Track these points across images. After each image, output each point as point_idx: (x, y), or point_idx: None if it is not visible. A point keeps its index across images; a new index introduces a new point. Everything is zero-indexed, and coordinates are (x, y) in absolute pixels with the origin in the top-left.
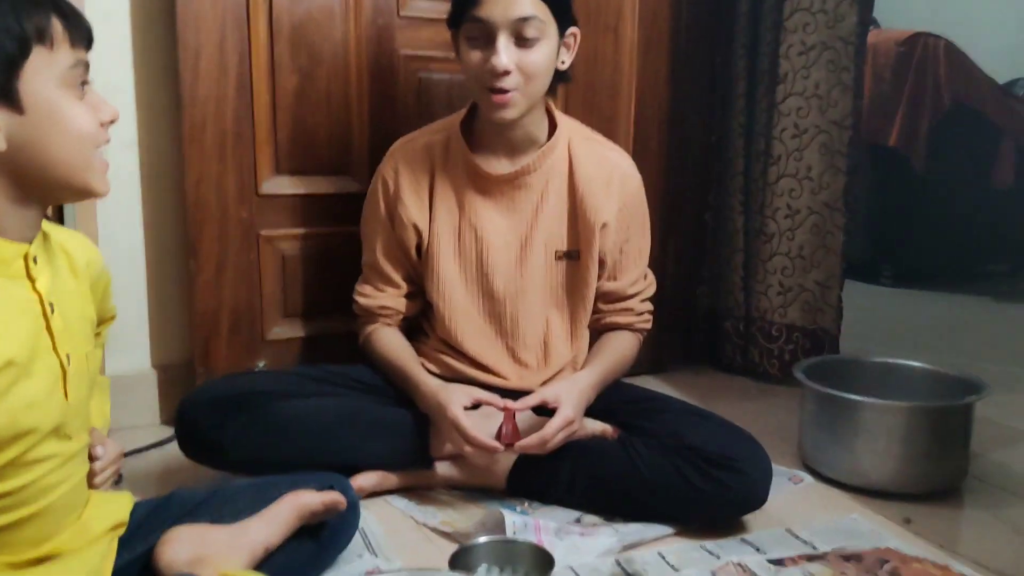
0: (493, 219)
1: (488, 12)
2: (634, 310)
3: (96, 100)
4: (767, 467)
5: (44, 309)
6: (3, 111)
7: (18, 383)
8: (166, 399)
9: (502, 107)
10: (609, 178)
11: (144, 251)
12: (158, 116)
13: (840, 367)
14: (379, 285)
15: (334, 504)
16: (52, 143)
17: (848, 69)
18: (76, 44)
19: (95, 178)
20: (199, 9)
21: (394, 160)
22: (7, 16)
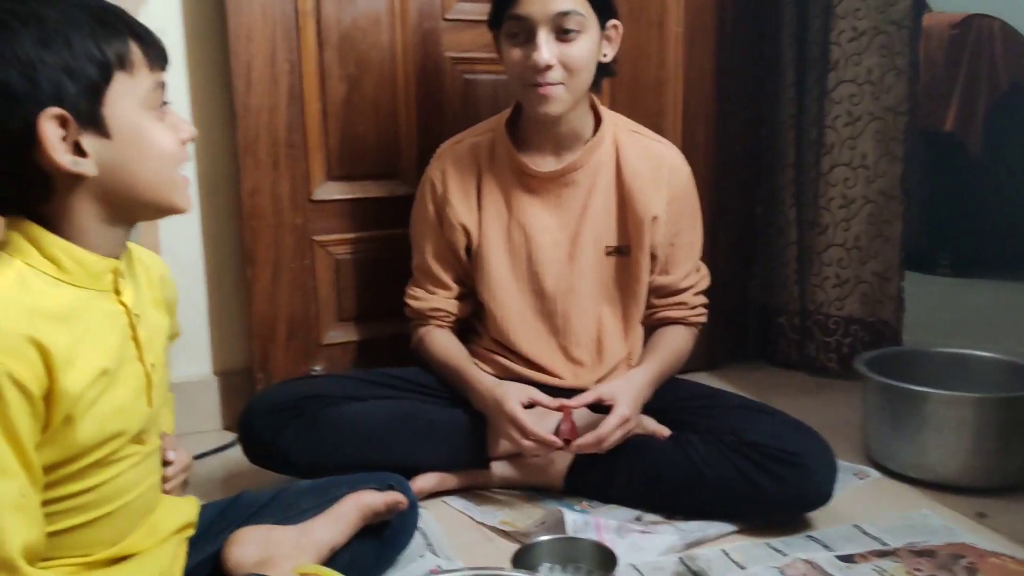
0: (541, 217)
1: (527, 9)
2: (688, 304)
3: (175, 119)
4: (832, 463)
5: (131, 320)
6: (91, 137)
7: (108, 391)
8: (227, 405)
9: (546, 101)
10: (657, 171)
11: (203, 260)
12: (213, 128)
13: (903, 359)
14: (430, 287)
15: (395, 503)
16: (138, 165)
17: (902, 53)
18: (154, 66)
19: (179, 196)
20: (250, 22)
21: (441, 162)
22: (88, 43)
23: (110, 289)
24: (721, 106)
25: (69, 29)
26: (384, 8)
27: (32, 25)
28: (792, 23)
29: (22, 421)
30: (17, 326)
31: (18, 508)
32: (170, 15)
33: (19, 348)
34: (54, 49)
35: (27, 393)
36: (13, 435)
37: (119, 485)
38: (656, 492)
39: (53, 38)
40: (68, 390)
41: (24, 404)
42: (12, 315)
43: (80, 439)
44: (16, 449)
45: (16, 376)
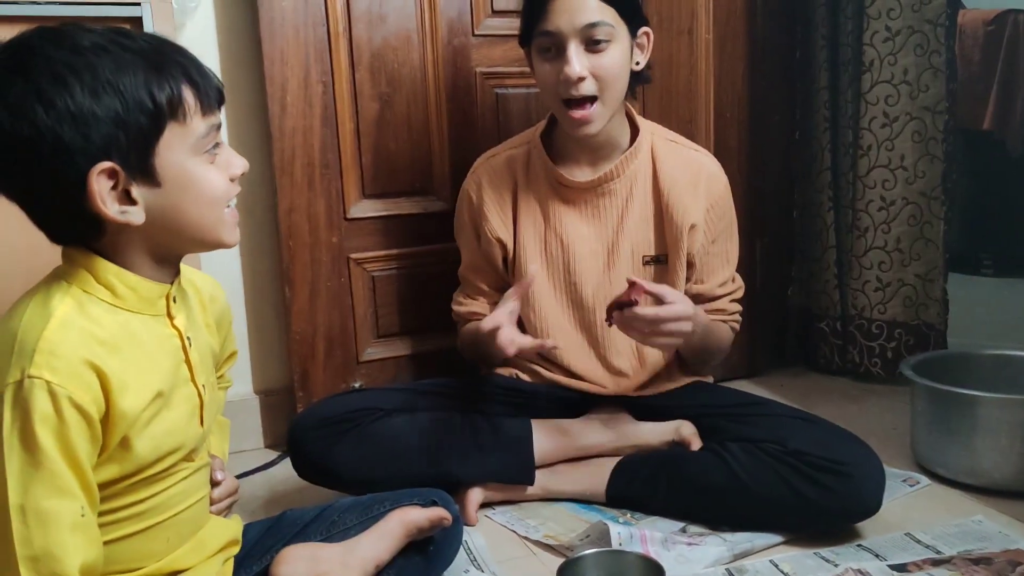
0: (578, 228)
1: (555, 23)
2: (726, 310)
3: (226, 156)
4: (879, 472)
5: (183, 343)
6: (141, 185)
7: (163, 412)
8: (269, 423)
9: (583, 124)
10: (696, 179)
11: (242, 280)
12: (250, 150)
13: (950, 362)
14: (470, 294)
15: (439, 519)
16: (186, 209)
17: (938, 52)
18: (208, 111)
19: (226, 233)
20: (283, 45)
21: (477, 176)
22: (141, 93)
23: (163, 313)
24: (754, 111)
25: (122, 79)
26: (414, 26)
27: (86, 77)
28: (824, 25)
29: (81, 443)
30: (76, 351)
31: (77, 528)
32: (207, 41)
33: (78, 372)
34: (106, 102)
35: (86, 415)
36: (73, 457)
37: (170, 497)
38: (697, 504)
39: (105, 90)
40: (125, 412)
41: (83, 426)
42: (71, 340)
43: (136, 458)
44: (76, 470)
45: (76, 399)
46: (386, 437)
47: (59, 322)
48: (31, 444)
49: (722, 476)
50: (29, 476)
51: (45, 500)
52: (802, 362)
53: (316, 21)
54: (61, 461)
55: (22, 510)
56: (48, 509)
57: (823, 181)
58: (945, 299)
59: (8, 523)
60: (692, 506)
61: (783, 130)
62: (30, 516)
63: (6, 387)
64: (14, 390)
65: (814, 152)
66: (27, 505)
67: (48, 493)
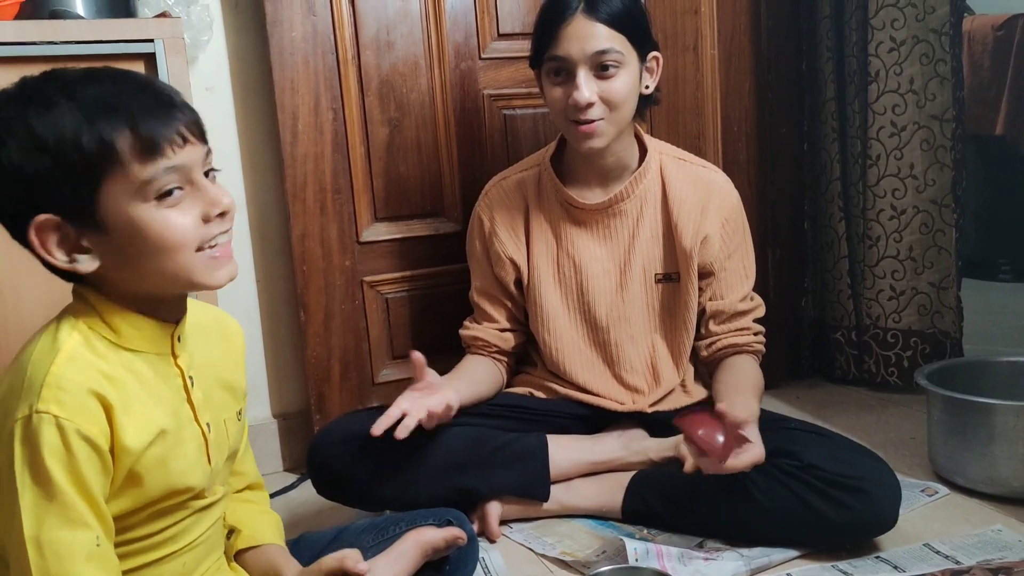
0: (590, 248)
1: (566, 50)
2: (751, 329)
3: (203, 196)
4: (894, 486)
5: (185, 383)
6: (90, 234)
7: (172, 451)
8: (287, 447)
9: (589, 137)
10: (707, 197)
11: (258, 305)
12: (263, 177)
13: (966, 370)
14: (477, 319)
15: (455, 539)
16: (142, 256)
17: (944, 60)
18: (152, 156)
19: (201, 276)
20: (294, 75)
21: (488, 199)
22: (68, 147)
23: (167, 352)
24: (762, 124)
25: (57, 132)
26: (421, 52)
27: (20, 133)
28: (829, 37)
29: (92, 474)
30: (83, 383)
31: (93, 558)
32: (220, 72)
33: (85, 404)
34: (37, 159)
35: (95, 447)
36: (85, 488)
37: (184, 529)
38: (715, 520)
39: (40, 145)
40: (127, 447)
41: (94, 457)
42: (78, 374)
43: (146, 493)
44: (88, 501)
45: (84, 431)
46: (407, 453)
47: (66, 357)
48: (42, 477)
49: (737, 493)
50: (43, 509)
51: (59, 531)
52: (818, 373)
53: (325, 49)
54: (73, 493)
55: (38, 542)
56: (63, 540)
57: (833, 191)
58: (960, 306)
59: (26, 555)
60: (708, 522)
61: (792, 142)
62: (46, 547)
63: (16, 423)
64: (23, 425)
65: (823, 163)
66: (42, 537)
67: (62, 524)
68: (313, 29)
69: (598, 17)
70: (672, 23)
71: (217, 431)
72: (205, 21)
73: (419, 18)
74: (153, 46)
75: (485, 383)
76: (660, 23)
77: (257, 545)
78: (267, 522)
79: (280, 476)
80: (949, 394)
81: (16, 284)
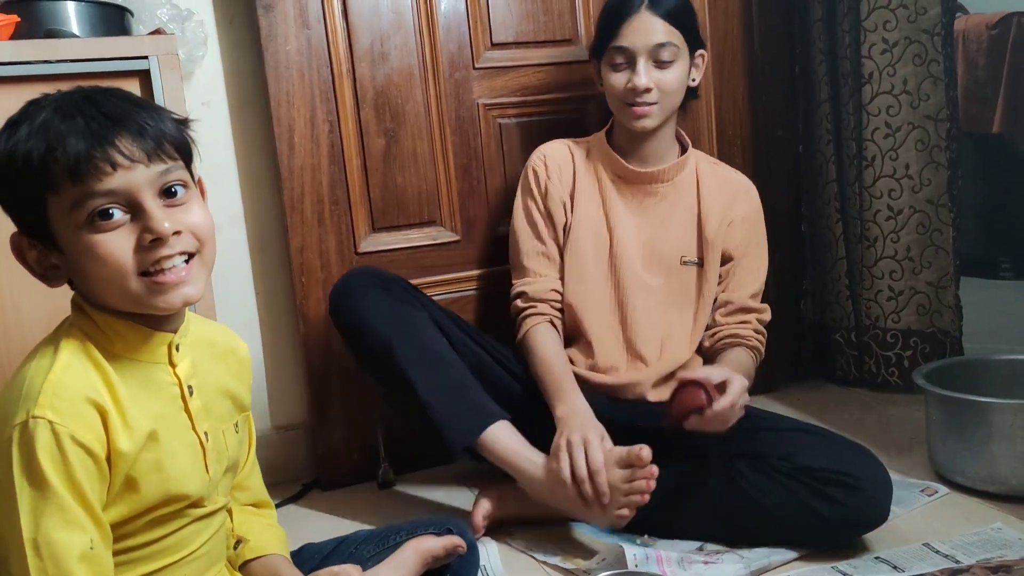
0: (625, 218)
1: (630, 41)
2: (751, 324)
3: (143, 221)
4: (886, 480)
5: (183, 392)
6: (52, 251)
7: (164, 457)
8: (288, 458)
9: (642, 117)
10: (734, 193)
11: (258, 317)
12: (261, 190)
13: (965, 369)
14: (541, 270)
15: (454, 547)
16: (91, 277)
17: (936, 60)
18: (78, 178)
19: (148, 300)
20: (289, 88)
21: (542, 152)
22: (27, 156)
23: (164, 361)
24: (757, 128)
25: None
26: (416, 63)
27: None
28: (822, 40)
29: (86, 479)
30: (78, 391)
31: (85, 559)
32: (215, 88)
33: (80, 411)
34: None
35: (90, 452)
36: (79, 491)
37: (184, 537)
38: (709, 523)
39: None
40: (122, 452)
41: (88, 463)
42: (74, 381)
43: (143, 500)
44: (83, 504)
45: (78, 437)
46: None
47: (63, 365)
48: (38, 479)
49: (732, 496)
50: (39, 511)
51: (55, 532)
52: (819, 375)
53: (320, 62)
54: (68, 495)
55: (35, 543)
56: (58, 540)
57: (830, 193)
58: (959, 305)
59: (25, 558)
60: (704, 526)
61: (787, 145)
62: (42, 548)
63: (14, 428)
64: (20, 430)
65: (819, 165)
66: (39, 538)
67: (57, 525)
68: (308, 42)
69: (659, 12)
70: None
71: (215, 441)
72: (200, 37)
73: (412, 29)
74: (148, 63)
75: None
76: None
77: (263, 555)
78: (274, 534)
79: (282, 487)
80: (947, 393)
81: (16, 301)
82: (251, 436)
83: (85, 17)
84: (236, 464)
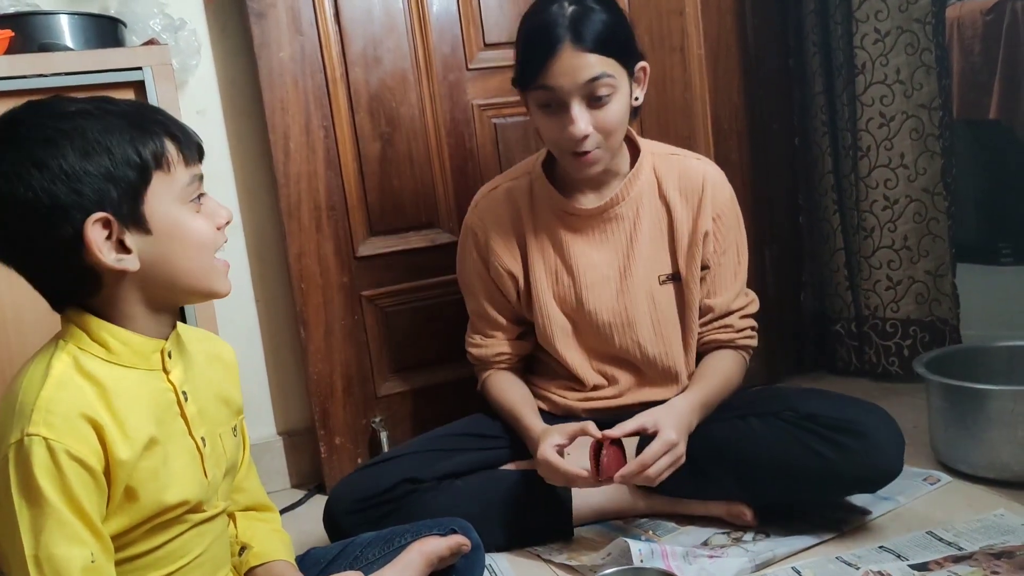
0: (588, 255)
1: (556, 81)
2: (734, 326)
3: (212, 206)
4: (896, 433)
5: (178, 397)
6: (134, 234)
7: (162, 464)
8: (294, 464)
9: (587, 166)
10: (700, 189)
11: (259, 325)
12: (258, 198)
13: (965, 356)
14: (488, 332)
15: (459, 547)
16: (177, 257)
17: (929, 49)
18: (190, 162)
19: (217, 280)
20: (283, 95)
21: (479, 210)
22: (126, 148)
23: (158, 368)
24: (752, 121)
25: (109, 138)
26: (409, 65)
27: (76, 139)
28: (815, 32)
29: (84, 493)
30: (72, 407)
31: (87, 572)
32: (209, 96)
33: (74, 427)
34: (96, 160)
35: (87, 467)
36: (77, 506)
37: (185, 542)
38: (723, 478)
39: (95, 149)
40: (122, 461)
41: (86, 477)
42: (67, 397)
43: (142, 509)
44: (82, 519)
45: (73, 452)
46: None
47: (55, 381)
48: (36, 496)
49: (744, 447)
50: (39, 527)
51: (55, 547)
52: (821, 367)
53: (314, 68)
54: (66, 510)
55: (37, 560)
56: (59, 555)
57: (826, 185)
58: (955, 293)
59: (28, 574)
60: (717, 481)
61: (783, 138)
62: (44, 564)
63: (9, 447)
64: (15, 449)
65: (815, 157)
66: (40, 554)
67: (57, 541)
68: (301, 49)
69: (585, 46)
70: (658, 25)
71: (213, 445)
72: (193, 46)
73: (405, 32)
74: (142, 73)
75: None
76: (646, 25)
77: (268, 561)
78: (278, 539)
79: (287, 493)
80: (947, 381)
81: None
82: (245, 438)
83: (79, 30)
84: (235, 467)
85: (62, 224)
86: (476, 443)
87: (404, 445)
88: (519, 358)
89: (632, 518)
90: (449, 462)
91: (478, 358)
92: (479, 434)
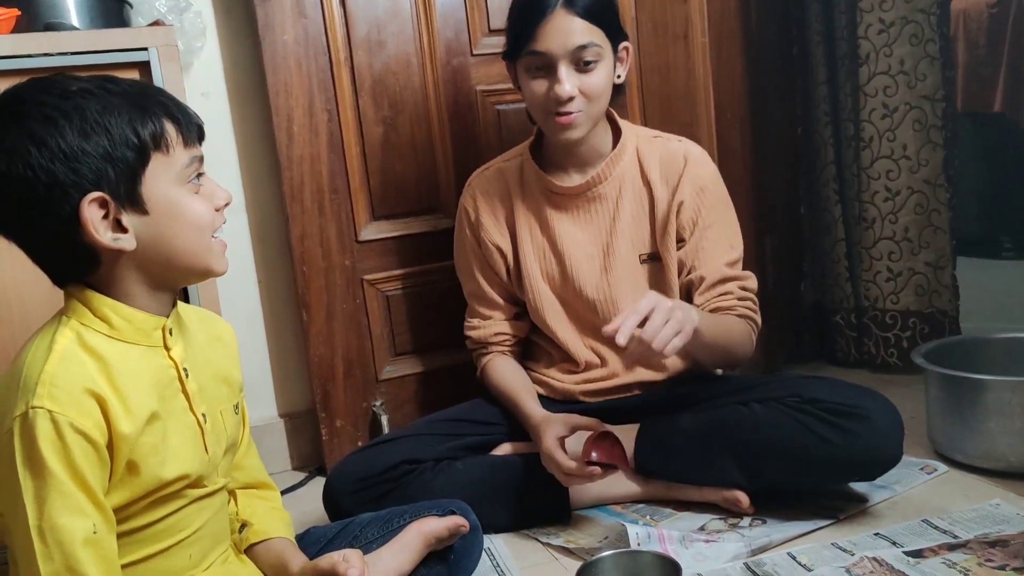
0: (572, 233)
1: (546, 45)
2: (733, 294)
3: (210, 188)
4: (896, 419)
5: (179, 374)
6: (131, 214)
7: (163, 439)
8: (294, 446)
9: (567, 128)
10: (680, 167)
11: (261, 307)
12: (261, 180)
13: (963, 348)
14: (485, 313)
15: (457, 528)
16: (175, 237)
17: (933, 40)
18: (189, 143)
19: (214, 260)
20: (287, 78)
21: (472, 190)
22: (125, 128)
23: (159, 344)
24: (754, 110)
25: (108, 118)
26: (413, 50)
27: (75, 118)
28: (819, 21)
29: (87, 466)
30: (76, 381)
31: (89, 543)
32: (213, 79)
33: (78, 400)
34: (94, 140)
35: (91, 440)
36: (80, 478)
37: (185, 516)
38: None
39: (94, 129)
40: (125, 435)
41: (89, 450)
42: (71, 371)
43: (143, 483)
44: (85, 490)
45: (77, 425)
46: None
47: (59, 355)
48: (40, 468)
49: (745, 432)
50: (42, 498)
51: (58, 518)
52: (820, 357)
53: (318, 51)
54: (69, 482)
55: (40, 530)
56: (62, 526)
57: (828, 175)
58: (955, 285)
59: (31, 545)
60: (723, 465)
61: (785, 127)
62: (47, 534)
63: (14, 420)
64: (20, 422)
65: (817, 147)
66: (43, 524)
67: (60, 511)
68: (305, 32)
69: (576, 11)
70: (661, 12)
71: (213, 421)
72: (198, 27)
73: (410, 16)
74: (147, 54)
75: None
76: (649, 12)
77: (267, 539)
78: (278, 517)
79: (288, 475)
80: (946, 372)
81: (21, 292)
82: (244, 416)
83: (84, 9)
84: (235, 444)
85: (60, 202)
86: (476, 428)
87: (405, 427)
88: (516, 340)
89: (630, 503)
90: (449, 444)
91: (476, 340)
92: (479, 420)
